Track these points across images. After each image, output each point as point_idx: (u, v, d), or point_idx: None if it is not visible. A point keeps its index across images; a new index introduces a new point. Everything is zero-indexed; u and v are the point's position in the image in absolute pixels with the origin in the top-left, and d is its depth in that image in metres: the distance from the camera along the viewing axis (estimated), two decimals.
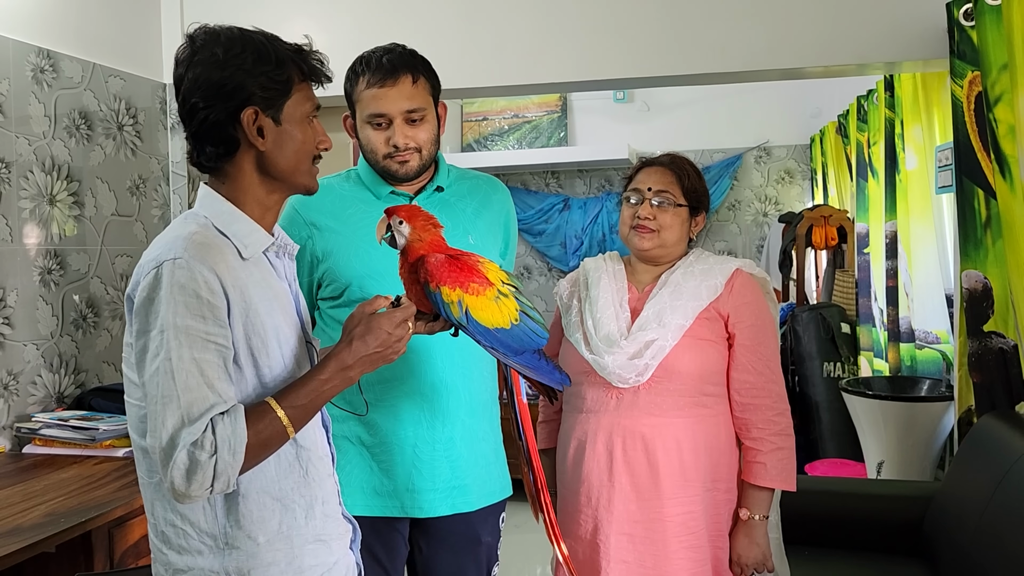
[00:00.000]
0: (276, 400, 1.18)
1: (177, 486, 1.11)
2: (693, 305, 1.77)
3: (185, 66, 1.24)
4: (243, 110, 1.22)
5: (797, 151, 5.98)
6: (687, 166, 1.86)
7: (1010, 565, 1.90)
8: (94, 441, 2.36)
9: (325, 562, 1.29)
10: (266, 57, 1.23)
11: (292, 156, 1.27)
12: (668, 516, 1.73)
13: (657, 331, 1.75)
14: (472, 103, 6.32)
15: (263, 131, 1.24)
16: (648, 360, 1.74)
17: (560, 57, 3.00)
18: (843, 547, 2.56)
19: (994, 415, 2.41)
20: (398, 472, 1.74)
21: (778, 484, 1.78)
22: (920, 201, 3.55)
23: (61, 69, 2.73)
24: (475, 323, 1.35)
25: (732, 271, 1.81)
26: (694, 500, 1.75)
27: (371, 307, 1.28)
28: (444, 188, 1.81)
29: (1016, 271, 2.27)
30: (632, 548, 1.74)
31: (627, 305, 1.83)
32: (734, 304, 1.79)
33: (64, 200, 2.73)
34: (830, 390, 4.10)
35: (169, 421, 1.11)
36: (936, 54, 2.71)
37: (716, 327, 1.79)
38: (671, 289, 1.79)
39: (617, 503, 1.75)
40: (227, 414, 1.13)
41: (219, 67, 1.22)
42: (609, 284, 1.86)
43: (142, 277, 1.17)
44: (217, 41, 1.23)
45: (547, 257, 6.35)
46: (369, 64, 1.70)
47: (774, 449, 1.77)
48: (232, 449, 1.12)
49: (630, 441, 1.75)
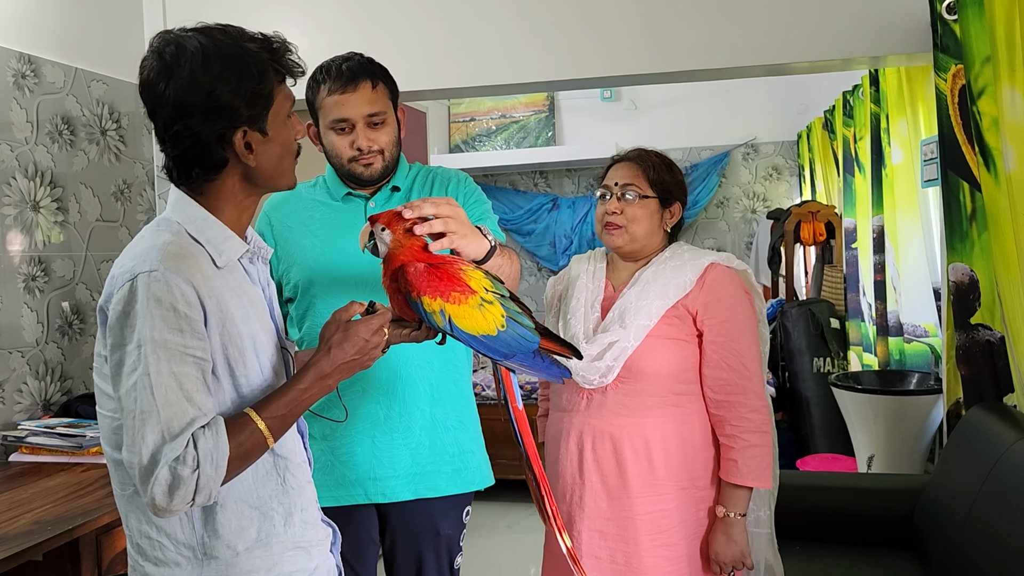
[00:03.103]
0: (255, 411, 1.17)
1: (158, 502, 1.09)
2: (659, 304, 1.76)
3: (160, 85, 1.17)
4: (232, 132, 1.19)
5: (784, 147, 6.00)
6: (653, 158, 1.86)
7: (999, 555, 1.91)
8: (81, 448, 2.35)
9: (305, 568, 1.28)
10: (248, 71, 1.18)
11: (278, 161, 1.25)
12: (638, 514, 1.74)
13: (619, 332, 1.75)
14: (459, 104, 6.32)
15: (251, 146, 1.21)
16: (610, 362, 1.74)
17: (545, 56, 2.99)
18: (834, 541, 2.57)
19: (982, 407, 2.41)
20: (359, 462, 1.81)
21: (750, 482, 1.75)
22: (906, 195, 3.56)
23: (43, 74, 2.71)
24: (460, 331, 1.34)
25: (705, 266, 1.79)
26: (665, 499, 1.75)
27: (346, 314, 1.27)
28: (401, 188, 1.87)
29: (1002, 263, 2.28)
30: (604, 544, 1.77)
31: (599, 306, 1.85)
32: (704, 300, 1.77)
33: (48, 206, 2.71)
34: (820, 386, 4.11)
35: (149, 437, 1.09)
36: (920, 48, 2.72)
37: (685, 325, 1.78)
38: (640, 288, 1.79)
39: (588, 500, 1.78)
40: (208, 427, 1.11)
41: (202, 89, 1.16)
42: (586, 284, 1.88)
43: (116, 289, 1.14)
44: (189, 57, 1.16)
45: (536, 257, 6.36)
46: (329, 72, 1.77)
47: (746, 447, 1.74)
48: (215, 463, 1.10)
49: (599, 440, 1.77)
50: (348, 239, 1.68)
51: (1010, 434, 2.11)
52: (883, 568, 2.38)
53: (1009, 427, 2.16)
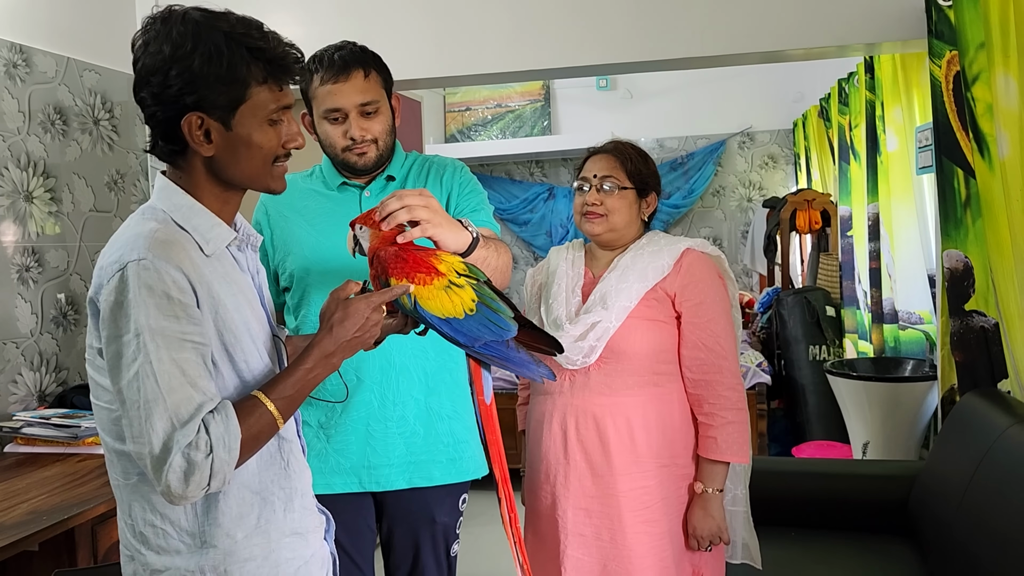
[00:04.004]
0: (264, 392, 1.17)
1: (174, 489, 1.09)
2: (638, 287, 1.81)
3: (137, 56, 1.18)
4: (186, 114, 1.17)
5: (780, 136, 6.00)
6: (630, 150, 1.91)
7: (993, 540, 1.92)
8: (76, 439, 2.34)
9: (302, 555, 1.28)
10: (217, 59, 1.15)
11: (245, 162, 1.21)
12: (622, 492, 1.79)
13: (601, 313, 1.80)
14: (455, 93, 6.30)
15: (211, 135, 1.18)
16: (592, 342, 1.79)
17: (539, 44, 2.99)
18: (829, 527, 2.58)
19: (976, 393, 2.42)
20: (353, 451, 1.82)
21: (729, 457, 1.81)
22: (901, 182, 3.56)
23: (34, 64, 2.69)
24: (424, 312, 1.33)
25: (682, 251, 1.85)
26: (647, 476, 1.80)
27: (343, 292, 1.27)
28: (396, 177, 1.87)
29: (996, 249, 2.28)
30: (589, 522, 1.81)
31: (579, 290, 1.90)
32: (681, 283, 1.83)
33: (41, 196, 2.70)
34: (816, 373, 4.12)
35: (158, 425, 1.09)
36: (915, 34, 2.72)
37: (664, 306, 1.83)
38: (619, 272, 1.85)
39: (572, 480, 1.82)
40: (217, 412, 1.11)
41: (163, 66, 1.15)
42: (566, 271, 1.94)
43: (105, 280, 1.13)
44: (168, 36, 1.15)
45: (533, 247, 6.35)
46: (322, 62, 1.77)
47: (725, 423, 1.81)
48: (228, 446, 1.10)
49: (582, 420, 1.82)
50: (343, 229, 1.67)
51: (1004, 420, 2.12)
52: (878, 553, 2.40)
53: (1003, 413, 2.17)
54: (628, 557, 1.78)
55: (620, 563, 1.78)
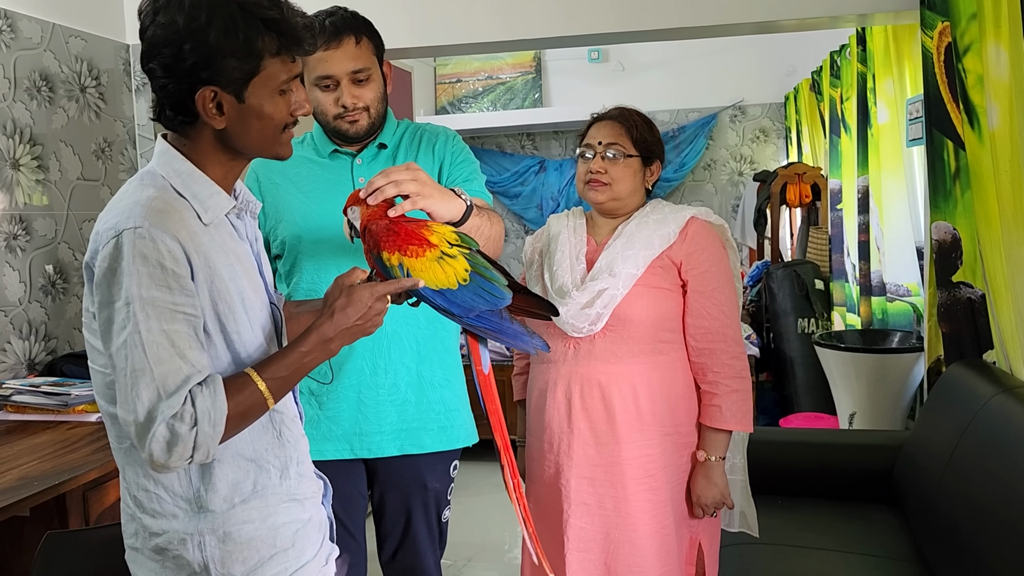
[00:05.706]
0: (256, 371, 1.17)
1: (156, 458, 1.09)
2: (645, 254, 1.80)
3: (146, 24, 1.16)
4: (199, 88, 1.15)
5: (772, 109, 5.99)
6: (636, 117, 1.88)
7: (974, 507, 1.95)
8: (67, 406, 2.34)
9: (299, 518, 1.29)
10: (232, 32, 1.13)
11: (256, 132, 1.20)
12: (626, 460, 1.78)
13: (608, 280, 1.78)
14: (445, 64, 6.25)
15: (223, 107, 1.17)
16: (599, 309, 1.78)
17: (530, 13, 2.96)
18: (816, 495, 2.61)
19: (962, 364, 2.45)
20: (344, 418, 1.83)
21: (734, 426, 1.81)
22: (891, 155, 3.57)
23: (19, 29, 2.66)
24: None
25: (687, 219, 1.84)
26: (651, 444, 1.79)
27: (349, 279, 1.27)
28: (388, 145, 1.86)
29: (984, 221, 2.29)
30: (592, 491, 1.80)
31: (583, 258, 1.88)
32: (687, 251, 1.81)
33: (28, 164, 2.67)
34: (805, 346, 4.15)
35: (144, 394, 1.09)
36: (907, 5, 2.71)
37: (670, 275, 1.82)
38: (625, 240, 1.83)
39: (576, 448, 1.81)
40: (205, 385, 1.11)
41: (176, 38, 1.12)
42: (568, 238, 1.90)
43: (101, 246, 1.13)
44: (180, 6, 1.13)
45: (524, 219, 6.34)
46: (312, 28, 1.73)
47: (730, 392, 1.80)
48: (212, 421, 1.10)
49: (587, 388, 1.80)
50: (335, 197, 1.67)
51: (988, 389, 2.14)
52: (862, 521, 2.43)
53: (987, 383, 2.19)
54: (631, 525, 1.78)
55: (623, 531, 1.78)
